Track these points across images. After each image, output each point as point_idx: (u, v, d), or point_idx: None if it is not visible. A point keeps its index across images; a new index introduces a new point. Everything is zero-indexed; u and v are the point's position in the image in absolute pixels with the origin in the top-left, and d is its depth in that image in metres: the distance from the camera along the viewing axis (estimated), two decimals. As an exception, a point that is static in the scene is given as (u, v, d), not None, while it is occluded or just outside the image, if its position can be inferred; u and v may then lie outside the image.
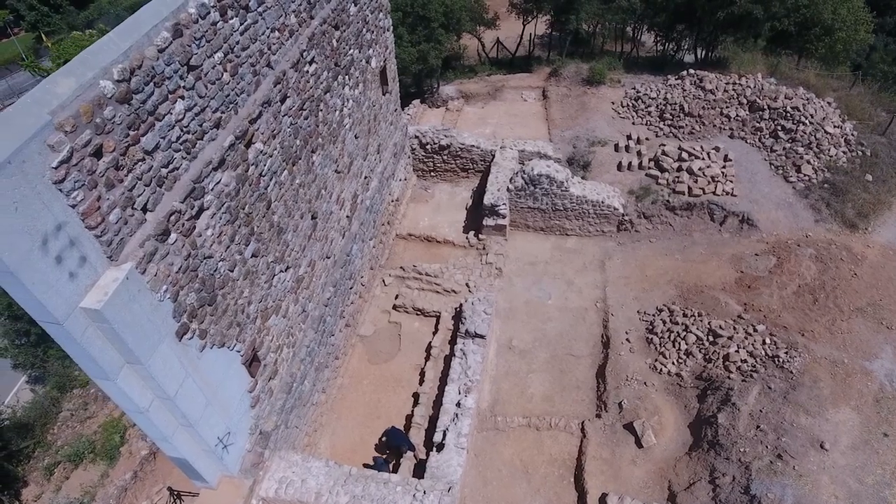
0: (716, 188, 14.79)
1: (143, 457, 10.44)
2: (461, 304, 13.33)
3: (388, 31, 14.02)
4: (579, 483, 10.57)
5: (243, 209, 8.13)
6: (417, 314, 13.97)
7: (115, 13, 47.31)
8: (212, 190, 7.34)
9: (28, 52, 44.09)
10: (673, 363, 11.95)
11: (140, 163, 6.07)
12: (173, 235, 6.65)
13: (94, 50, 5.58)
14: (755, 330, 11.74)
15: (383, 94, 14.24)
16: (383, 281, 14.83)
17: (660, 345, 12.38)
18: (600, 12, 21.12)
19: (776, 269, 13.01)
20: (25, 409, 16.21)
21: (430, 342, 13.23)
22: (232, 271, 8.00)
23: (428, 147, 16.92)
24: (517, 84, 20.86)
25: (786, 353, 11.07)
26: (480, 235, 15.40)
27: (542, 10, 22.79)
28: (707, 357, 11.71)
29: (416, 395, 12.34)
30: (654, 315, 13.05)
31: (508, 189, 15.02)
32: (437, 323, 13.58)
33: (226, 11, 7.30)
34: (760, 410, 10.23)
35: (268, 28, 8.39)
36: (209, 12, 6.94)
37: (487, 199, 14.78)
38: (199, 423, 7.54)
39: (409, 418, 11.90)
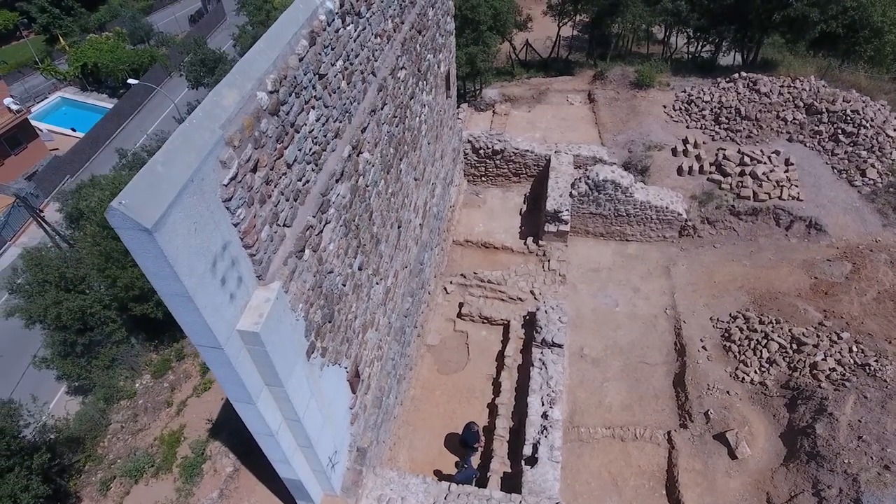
0: (781, 193, 14.60)
1: (227, 474, 10.17)
2: (532, 313, 13.09)
3: (452, 35, 13.80)
4: (672, 496, 10.35)
5: (353, 221, 7.89)
6: (483, 322, 13.72)
7: (128, 15, 46.90)
8: (333, 203, 7.10)
9: (42, 55, 43.62)
10: (755, 371, 11.74)
11: (283, 177, 5.82)
12: (307, 251, 6.40)
13: (249, 59, 5.32)
14: (840, 338, 11.54)
15: (446, 99, 14.01)
16: (445, 289, 14.57)
17: (739, 353, 12.17)
18: (644, 14, 20.90)
19: (853, 274, 12.82)
20: (74, 421, 15.86)
21: (501, 351, 12.99)
22: (345, 285, 7.76)
23: (481, 152, 16.68)
24: (561, 87, 20.61)
25: (876, 360, 10.87)
26: (540, 241, 15.16)
27: (583, 13, 22.55)
28: (792, 365, 11.50)
29: (490, 406, 12.10)
30: (728, 322, 12.84)
31: (571, 195, 14.79)
32: (506, 331, 13.33)
33: (345, 18, 7.07)
34: (859, 420, 10.02)
35: (372, 34, 8.15)
36: (334, 19, 6.71)
37: (550, 205, 14.54)
38: (317, 443, 7.30)
39: (486, 430, 11.65)
